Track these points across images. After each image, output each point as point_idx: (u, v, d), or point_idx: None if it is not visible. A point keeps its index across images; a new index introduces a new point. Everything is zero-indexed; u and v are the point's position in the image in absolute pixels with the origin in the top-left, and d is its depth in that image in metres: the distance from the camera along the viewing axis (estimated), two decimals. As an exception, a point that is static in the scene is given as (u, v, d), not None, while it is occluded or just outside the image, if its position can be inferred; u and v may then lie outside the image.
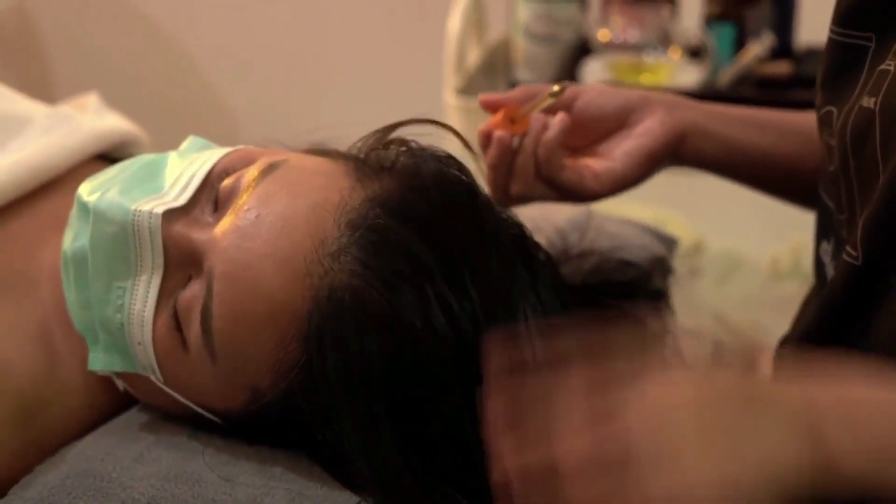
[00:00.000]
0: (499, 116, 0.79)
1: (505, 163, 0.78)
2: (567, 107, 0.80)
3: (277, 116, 2.20)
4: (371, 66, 2.31)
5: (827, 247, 0.75)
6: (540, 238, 0.77)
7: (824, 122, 0.72)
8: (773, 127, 0.85)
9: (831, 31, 0.71)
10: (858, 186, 0.67)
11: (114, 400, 0.72)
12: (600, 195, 0.81)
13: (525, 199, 0.81)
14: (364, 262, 0.61)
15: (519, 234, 0.72)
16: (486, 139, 0.79)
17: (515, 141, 0.79)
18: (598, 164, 0.81)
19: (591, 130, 0.82)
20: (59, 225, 0.76)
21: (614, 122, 0.81)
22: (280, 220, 0.62)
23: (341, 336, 0.60)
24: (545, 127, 0.78)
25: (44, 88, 2.41)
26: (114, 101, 1.00)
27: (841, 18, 0.70)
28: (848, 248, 0.66)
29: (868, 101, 0.65)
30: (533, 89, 0.81)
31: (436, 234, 0.64)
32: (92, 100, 0.97)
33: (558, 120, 0.78)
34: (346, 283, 0.61)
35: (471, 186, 0.69)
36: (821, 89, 0.73)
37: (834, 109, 0.70)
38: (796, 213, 0.92)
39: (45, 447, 0.68)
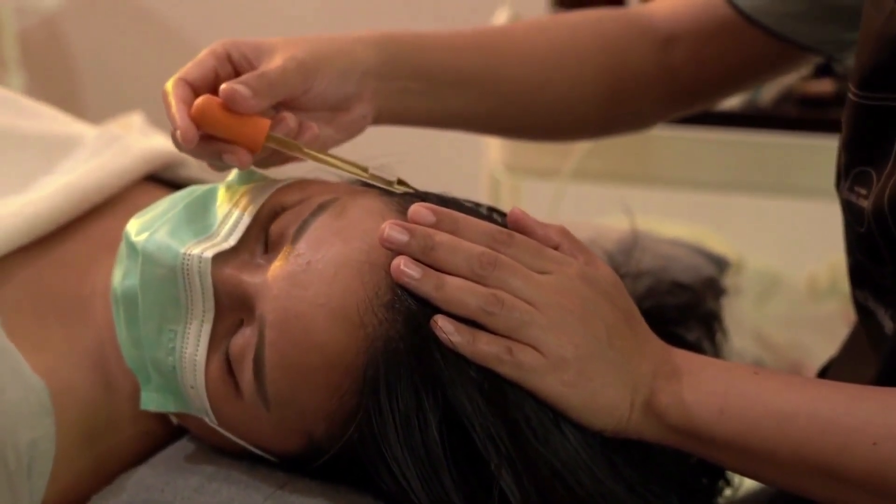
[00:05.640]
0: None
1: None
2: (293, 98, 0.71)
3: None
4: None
5: (866, 294, 0.74)
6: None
7: (859, 180, 0.69)
8: (474, 85, 0.82)
9: (852, 93, 0.69)
10: None
11: (166, 426, 0.71)
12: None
13: None
14: (417, 313, 0.60)
15: None
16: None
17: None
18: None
19: (305, 103, 0.73)
20: (111, 245, 0.75)
21: (330, 105, 0.74)
22: (332, 267, 0.61)
23: (397, 389, 0.59)
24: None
25: (73, 104, 2.42)
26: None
27: (864, 80, 0.68)
28: None
29: None
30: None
31: None
32: (136, 119, 0.96)
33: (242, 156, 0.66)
34: (400, 334, 0.60)
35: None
36: (845, 150, 0.71)
37: (872, 171, 0.68)
38: (832, 231, 0.90)
39: (99, 475, 0.67)
